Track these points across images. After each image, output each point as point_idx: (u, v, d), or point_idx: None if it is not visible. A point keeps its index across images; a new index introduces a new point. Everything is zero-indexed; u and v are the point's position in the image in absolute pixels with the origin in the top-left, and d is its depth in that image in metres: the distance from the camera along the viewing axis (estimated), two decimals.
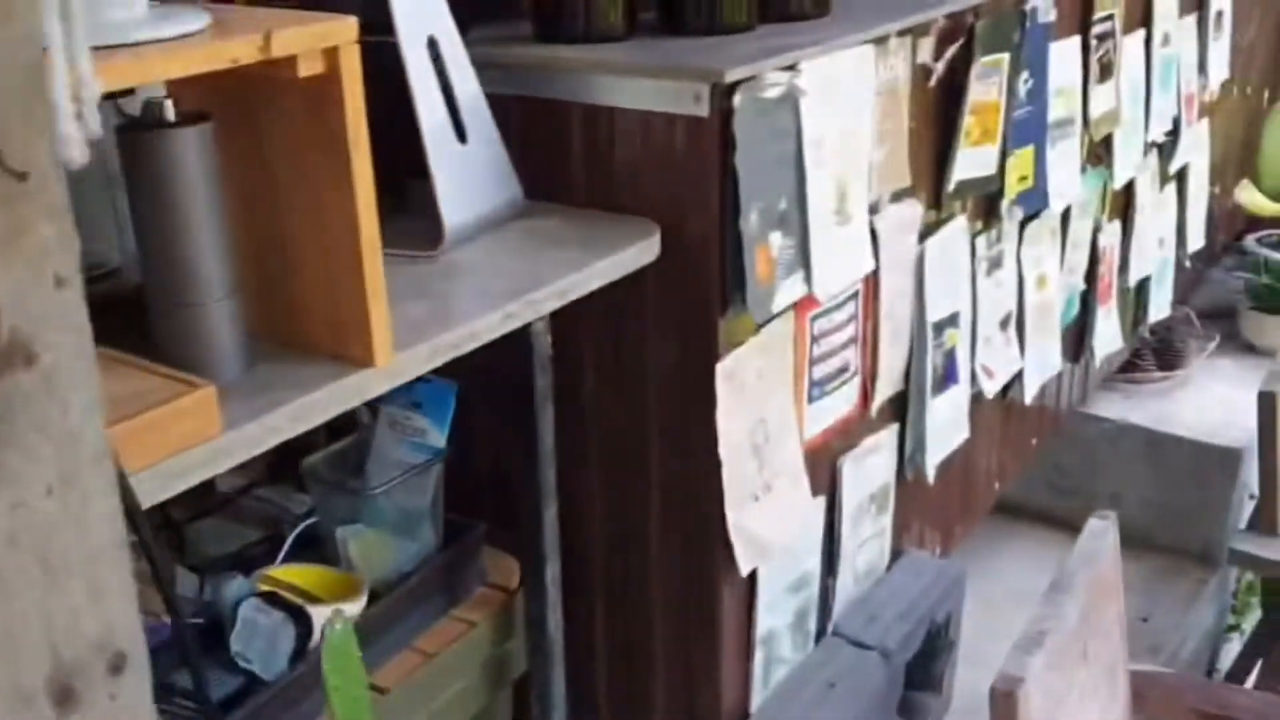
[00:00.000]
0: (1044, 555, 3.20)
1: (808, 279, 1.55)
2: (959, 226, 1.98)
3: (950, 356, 2.03)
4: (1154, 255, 2.95)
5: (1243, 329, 3.48)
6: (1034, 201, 2.19)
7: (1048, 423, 2.62)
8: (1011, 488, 3.36)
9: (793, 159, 1.49)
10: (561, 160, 1.51)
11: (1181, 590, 2.99)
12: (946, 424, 2.05)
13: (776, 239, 1.49)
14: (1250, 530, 2.54)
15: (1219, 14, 3.04)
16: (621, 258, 1.36)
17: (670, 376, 1.53)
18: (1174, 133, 2.87)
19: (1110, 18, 2.39)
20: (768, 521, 1.60)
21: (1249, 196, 3.43)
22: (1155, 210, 2.91)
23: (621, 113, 1.44)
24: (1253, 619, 3.21)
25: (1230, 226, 3.78)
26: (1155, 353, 3.33)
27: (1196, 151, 3.13)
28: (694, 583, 1.60)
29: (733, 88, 1.36)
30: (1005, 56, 1.95)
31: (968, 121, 1.93)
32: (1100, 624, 1.80)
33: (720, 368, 1.47)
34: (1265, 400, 2.48)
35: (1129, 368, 3.29)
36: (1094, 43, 2.33)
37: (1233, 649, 3.16)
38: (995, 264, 2.16)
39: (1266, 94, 3.86)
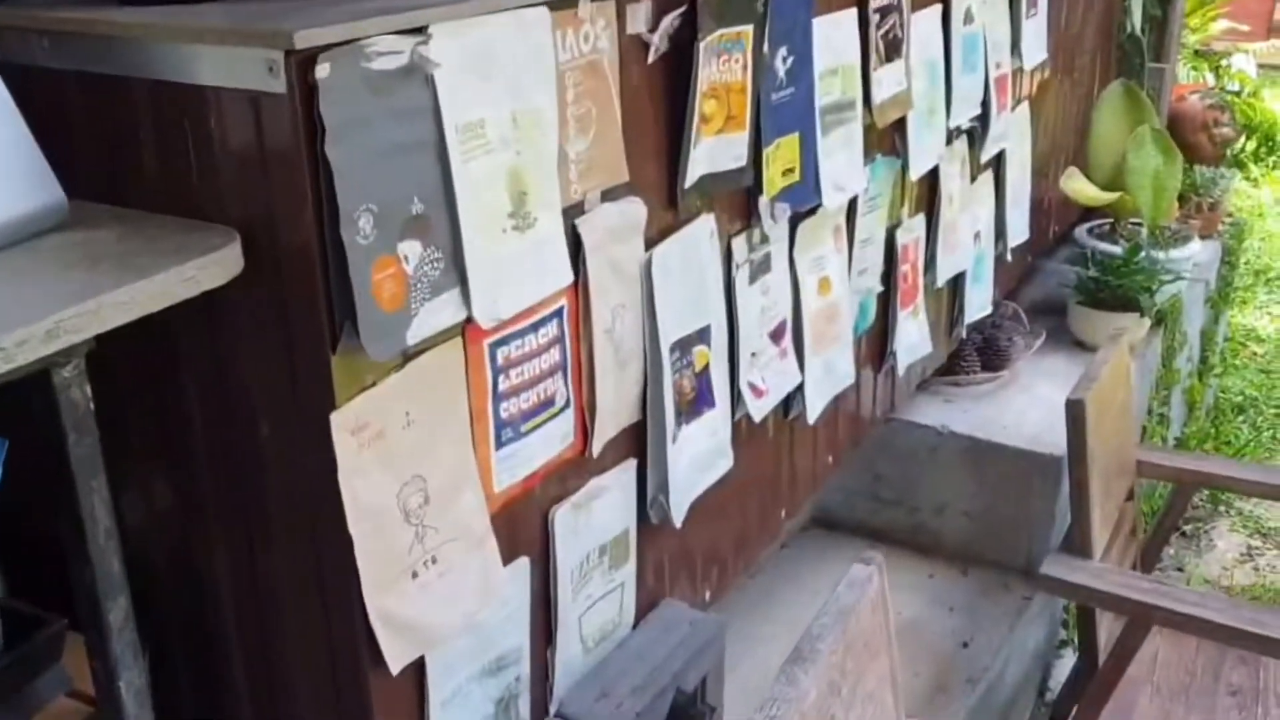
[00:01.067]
0: None
1: (466, 299, 1.22)
2: (704, 228, 1.67)
3: (702, 377, 1.72)
4: (968, 250, 2.69)
5: (1071, 325, 3.26)
6: (803, 196, 1.89)
7: (848, 438, 2.33)
8: (830, 498, 3.10)
9: (432, 148, 1.16)
10: (130, 153, 1.15)
11: (1006, 608, 2.73)
12: (702, 455, 1.74)
13: (412, 250, 1.15)
14: (1065, 551, 2.28)
15: None
16: (173, 278, 1.01)
17: (285, 431, 1.18)
18: (983, 118, 2.61)
19: None
20: (432, 601, 1.26)
21: (1074, 185, 3.19)
22: (967, 202, 2.64)
23: (194, 90, 1.09)
24: None
25: (1065, 217, 3.56)
26: (979, 352, 3.08)
27: (1015, 138, 2.87)
28: (342, 687, 1.26)
29: (315, 56, 1.02)
30: (748, 29, 1.64)
31: (708, 106, 1.61)
32: (860, 690, 1.50)
33: (338, 419, 1.12)
34: (1074, 409, 2.23)
35: (951, 369, 3.04)
36: (875, 18, 2.04)
37: (1066, 665, 2.93)
38: (761, 269, 1.86)
39: (1097, 80, 3.65)
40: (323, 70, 1.02)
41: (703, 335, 1.69)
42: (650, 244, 1.55)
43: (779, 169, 1.81)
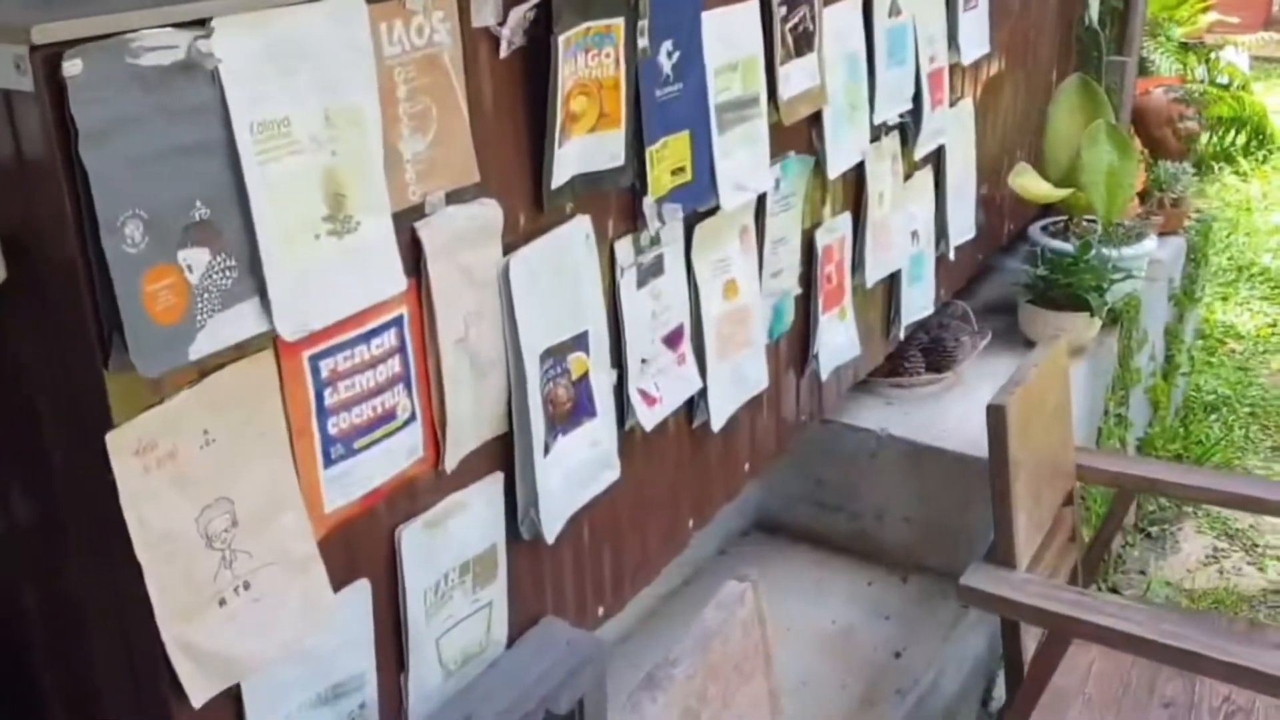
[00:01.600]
0: (805, 577, 2.86)
1: (266, 310, 1.14)
2: (578, 230, 1.58)
3: (581, 386, 1.64)
4: (903, 250, 2.59)
5: (1022, 325, 3.16)
6: (696, 196, 1.80)
7: (767, 444, 2.25)
8: (773, 502, 3.02)
9: (221, 149, 1.07)
10: None
11: (943, 617, 2.64)
12: (582, 467, 1.66)
13: (197, 259, 1.06)
14: (988, 560, 2.19)
15: None
16: None
17: (71, 450, 1.10)
18: (915, 113, 2.51)
19: None
20: (243, 630, 1.18)
21: (1023, 182, 3.10)
22: (901, 200, 2.55)
23: None
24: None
25: (1022, 215, 3.46)
26: (924, 353, 2.99)
27: (956, 134, 2.78)
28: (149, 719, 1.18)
29: (60, 52, 0.94)
30: (618, 22, 1.55)
31: (577, 103, 1.53)
32: (726, 716, 1.42)
33: (115, 439, 1.04)
34: (994, 415, 2.14)
35: (895, 371, 2.95)
36: (780, 11, 1.95)
37: None
38: (651, 272, 1.77)
39: (1056, 74, 3.55)
40: (72, 67, 0.94)
41: (579, 342, 1.61)
42: (511, 248, 1.47)
43: (667, 168, 1.73)
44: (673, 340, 1.85)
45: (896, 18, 2.35)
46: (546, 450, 1.57)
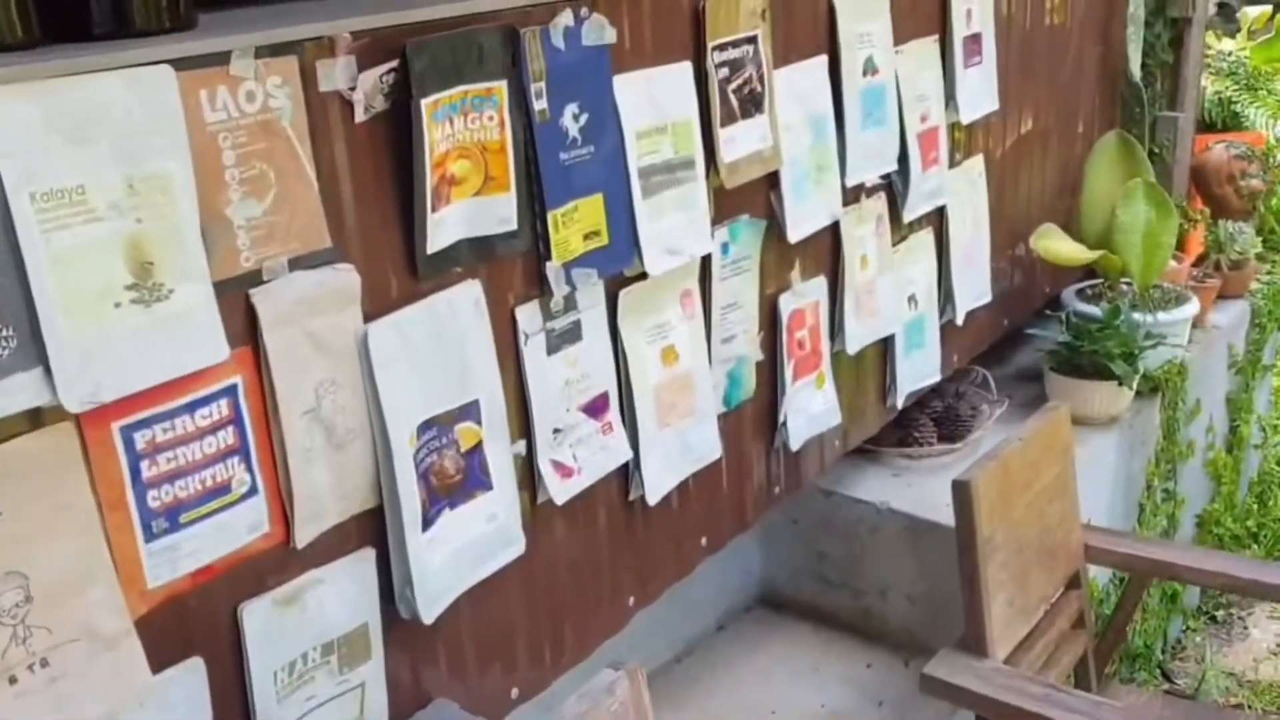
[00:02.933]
0: (803, 657, 2.71)
1: (49, 381, 1.10)
2: (464, 296, 1.52)
3: (472, 457, 1.57)
4: (893, 315, 2.46)
5: (1048, 393, 2.98)
6: (614, 261, 1.73)
7: (727, 518, 2.13)
8: (777, 576, 2.88)
9: None
10: None
11: (941, 706, 2.47)
12: (474, 543, 1.58)
13: None
14: (959, 647, 2.03)
15: (974, 38, 2.58)
16: None
17: None
18: (904, 174, 2.40)
19: (751, 40, 1.94)
20: (37, 709, 1.14)
21: (1047, 244, 2.93)
22: (890, 264, 2.43)
23: None
24: None
25: (1060, 278, 3.28)
26: (936, 422, 2.84)
27: (961, 195, 2.65)
28: None
29: None
30: (499, 85, 1.50)
31: (459, 166, 1.48)
32: None
33: None
34: (960, 492, 1.99)
35: (904, 439, 2.80)
36: (719, 72, 1.88)
37: None
38: (566, 338, 1.70)
39: (1096, 129, 3.37)
40: None
41: (468, 411, 1.55)
42: (378, 314, 1.42)
43: (577, 232, 1.66)
44: (595, 409, 1.77)
45: (872, 77, 2.25)
46: (426, 525, 1.50)
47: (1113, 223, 3.01)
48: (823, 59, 2.14)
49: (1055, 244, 2.95)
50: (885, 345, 2.50)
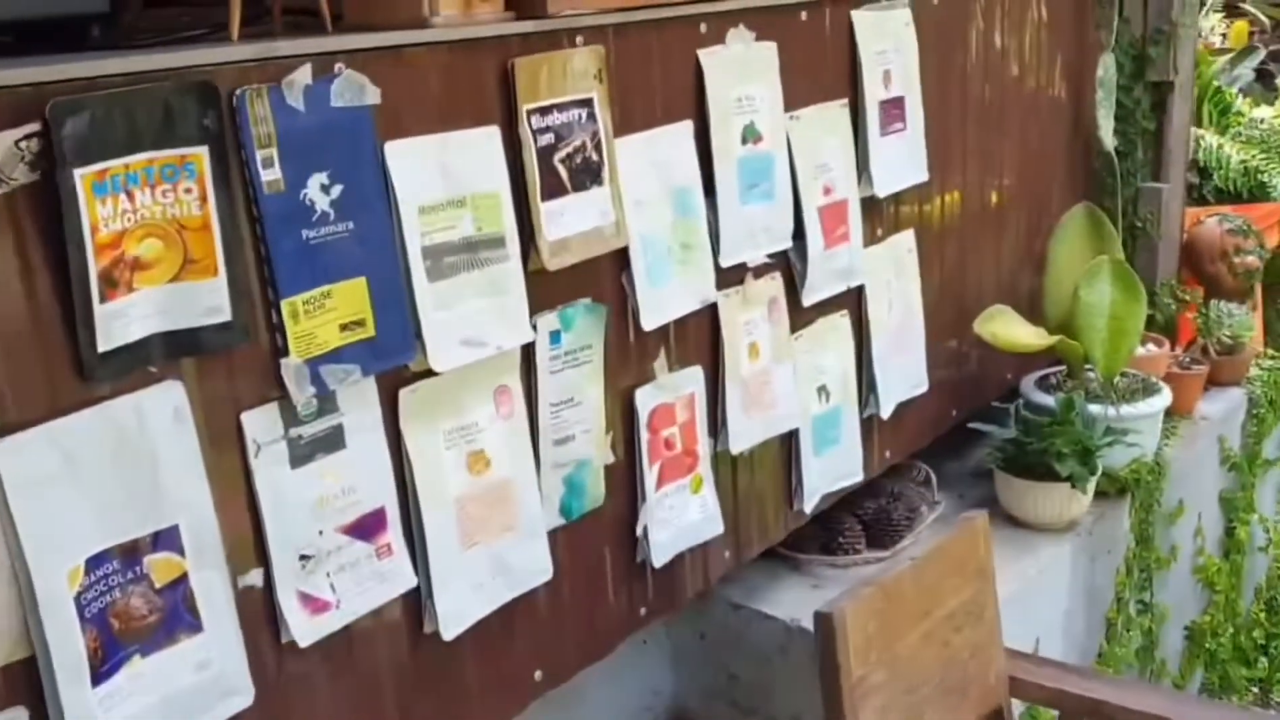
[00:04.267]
0: None
1: None
2: (156, 402, 1.25)
3: (173, 594, 1.28)
4: (795, 409, 2.15)
5: (998, 496, 2.64)
6: (386, 355, 1.46)
7: (572, 648, 1.83)
8: (689, 698, 2.55)
9: None
10: None
11: None
12: (178, 696, 1.29)
13: None
14: None
15: (894, 102, 2.29)
16: None
17: None
18: (801, 252, 2.11)
19: (583, 104, 1.68)
20: None
21: (994, 327, 2.60)
22: (789, 352, 2.12)
23: None
24: None
25: (1026, 365, 2.94)
26: (865, 526, 2.51)
27: (883, 274, 2.35)
28: None
29: None
30: (198, 151, 1.25)
31: (148, 248, 1.22)
32: None
33: None
34: (823, 625, 1.67)
35: (829, 545, 2.47)
36: (539, 137, 1.62)
37: None
38: (320, 446, 1.42)
39: (1069, 201, 3.05)
40: None
41: (164, 539, 1.27)
42: (24, 426, 1.16)
43: (331, 322, 1.40)
44: (366, 529, 1.49)
45: (754, 145, 1.97)
46: (100, 678, 1.23)
47: (1074, 305, 2.68)
48: (687, 125, 1.87)
49: (1004, 328, 2.62)
50: (790, 442, 2.20)
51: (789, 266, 2.12)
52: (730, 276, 1.99)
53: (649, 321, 1.82)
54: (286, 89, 1.32)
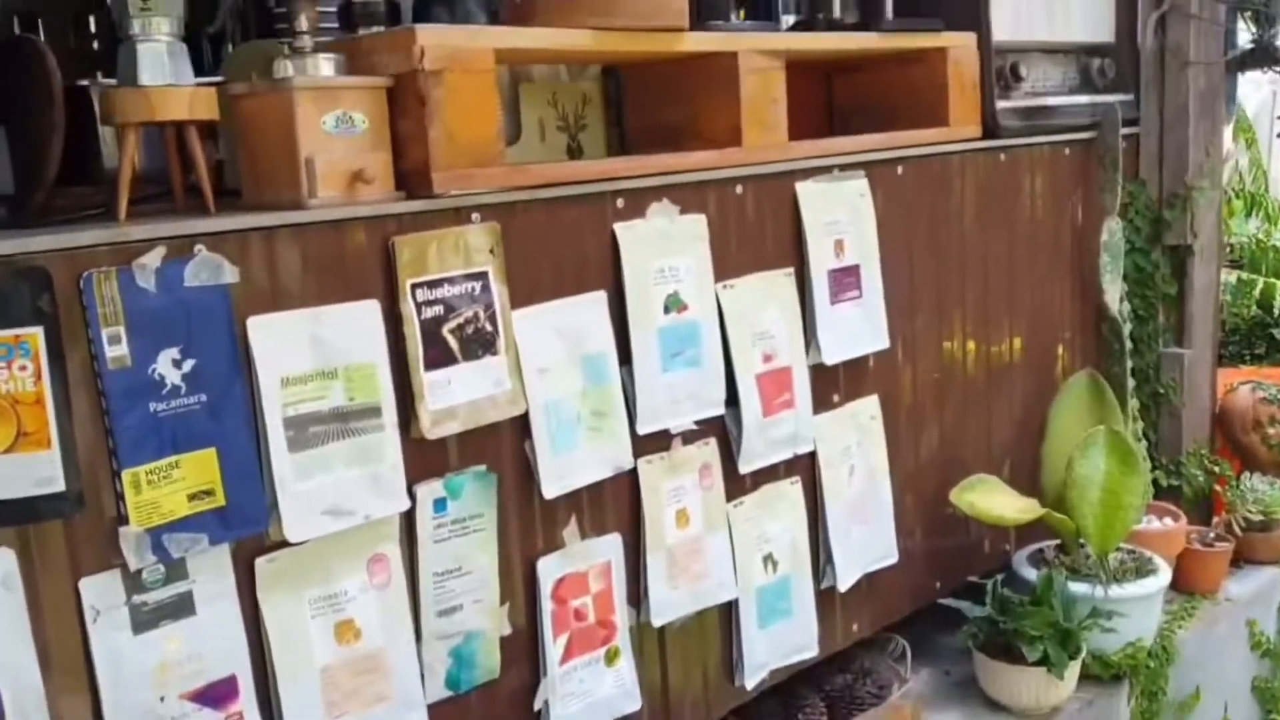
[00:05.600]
0: None
1: None
2: None
3: None
4: (732, 580, 2.08)
5: (978, 676, 2.48)
6: (236, 525, 1.47)
7: None
8: None
9: None
10: None
11: None
12: None
13: None
14: None
15: (847, 270, 2.26)
16: None
17: None
18: (737, 419, 2.07)
19: (477, 277, 1.71)
20: None
21: (972, 498, 2.48)
22: (724, 520, 2.07)
23: None
24: None
25: (1021, 536, 2.79)
26: (830, 704, 2.39)
27: (841, 441, 2.28)
28: None
29: None
30: (32, 332, 1.30)
31: None
32: None
33: None
34: None
35: None
36: (426, 309, 1.64)
37: None
38: (169, 612, 1.43)
39: (1074, 365, 2.94)
40: None
41: None
42: None
43: (179, 491, 1.42)
44: (216, 697, 1.48)
45: (678, 314, 1.96)
46: None
47: (1067, 476, 2.56)
48: (600, 295, 1.87)
49: (984, 499, 2.51)
50: (730, 613, 2.12)
51: (726, 432, 2.09)
52: (653, 443, 1.96)
53: (550, 489, 1.81)
54: (138, 270, 1.38)
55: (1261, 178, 6.49)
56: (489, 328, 1.72)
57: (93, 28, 2.33)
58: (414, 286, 1.64)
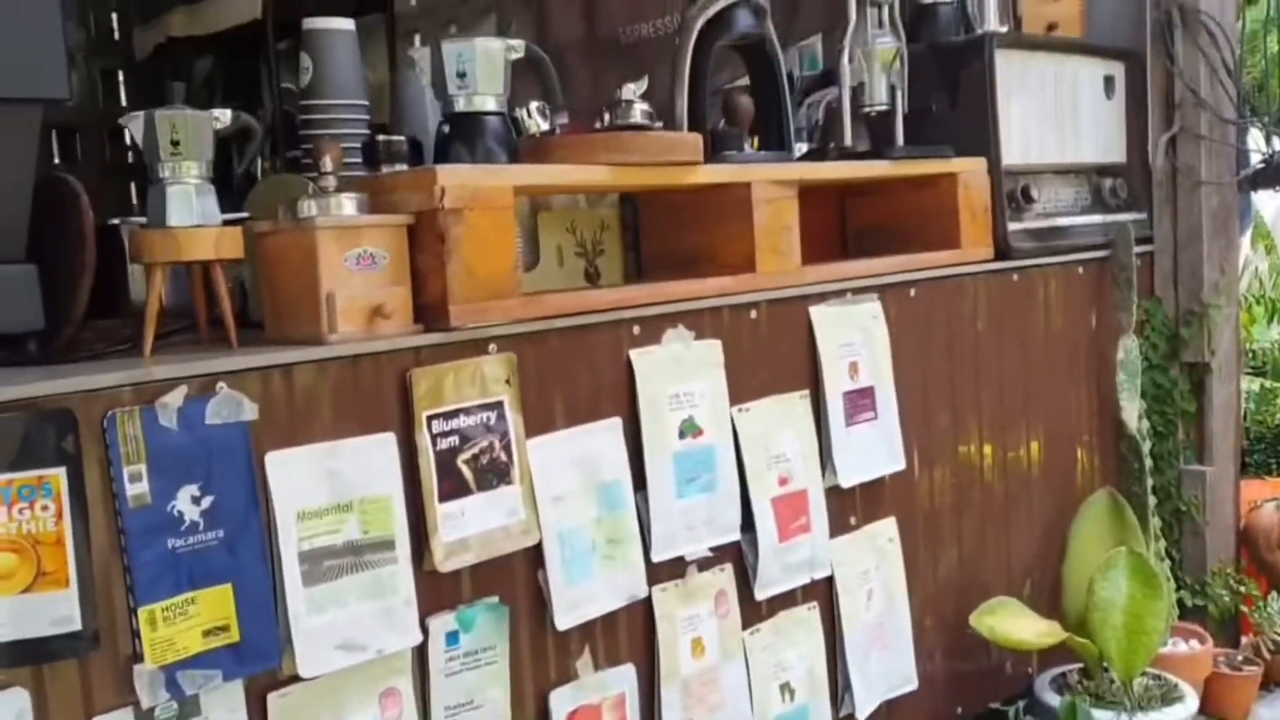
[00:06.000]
0: None
1: None
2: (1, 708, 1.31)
3: None
4: (748, 709, 2.06)
5: None
6: (251, 660, 1.47)
7: None
8: None
9: None
10: None
11: None
12: None
13: None
14: None
15: (862, 392, 2.28)
16: None
17: None
18: (753, 544, 2.07)
19: (492, 408, 1.73)
20: None
21: (992, 622, 2.45)
22: (740, 648, 2.06)
23: None
24: None
25: (1045, 658, 2.75)
26: None
27: (859, 565, 2.27)
28: None
29: None
30: (55, 473, 1.33)
31: (2, 561, 1.31)
32: None
33: None
34: None
35: None
36: (441, 440, 1.67)
37: None
38: None
39: (1067, 484, 2.92)
40: None
41: None
42: None
43: (194, 627, 1.43)
44: None
45: (694, 439, 1.98)
46: None
47: (1089, 599, 2.53)
48: (615, 422, 1.89)
49: (1004, 622, 2.48)
50: None
51: (741, 557, 2.09)
52: (668, 570, 1.96)
53: (564, 620, 1.80)
54: (160, 409, 1.41)
55: None
56: (503, 457, 1.74)
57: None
58: (430, 418, 1.66)
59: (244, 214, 1.79)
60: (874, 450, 2.29)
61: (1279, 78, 3.33)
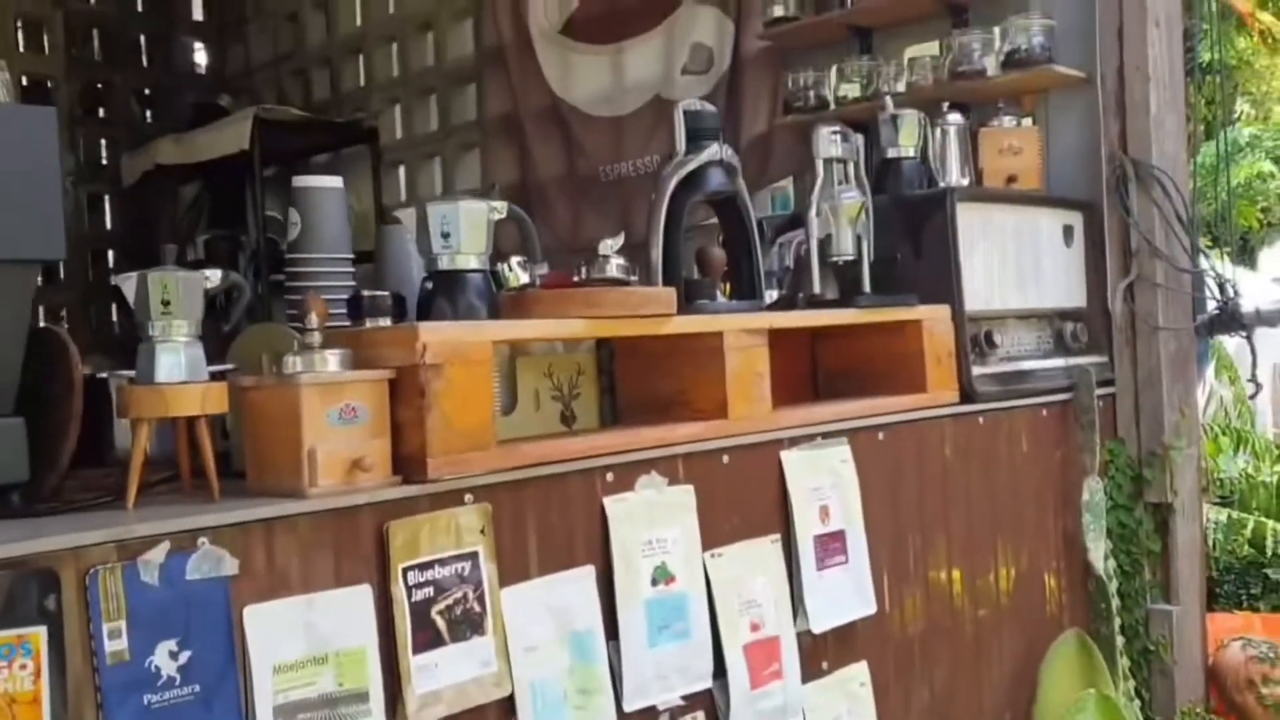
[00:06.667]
0: None
1: None
2: None
3: None
4: None
5: None
6: None
7: None
8: None
9: None
10: None
11: None
12: None
13: None
14: None
15: (833, 535, 2.32)
16: None
17: None
18: (724, 691, 2.09)
19: (467, 558, 1.77)
20: None
21: None
22: None
23: None
24: None
25: None
26: None
27: (826, 710, 2.28)
28: None
29: None
30: (35, 632, 1.35)
31: None
32: None
33: None
34: None
35: None
36: (416, 592, 1.70)
37: None
38: None
39: (1037, 625, 2.96)
40: None
41: None
42: None
43: None
44: None
45: (665, 586, 2.02)
46: None
47: None
48: (588, 569, 1.93)
49: None
50: None
51: (713, 705, 2.10)
52: (639, 719, 1.98)
53: None
54: (142, 566, 1.44)
55: (1246, 414, 6.64)
56: (477, 608, 1.77)
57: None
58: (405, 569, 1.70)
59: (229, 365, 1.84)
60: (845, 594, 2.33)
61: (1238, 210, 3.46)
